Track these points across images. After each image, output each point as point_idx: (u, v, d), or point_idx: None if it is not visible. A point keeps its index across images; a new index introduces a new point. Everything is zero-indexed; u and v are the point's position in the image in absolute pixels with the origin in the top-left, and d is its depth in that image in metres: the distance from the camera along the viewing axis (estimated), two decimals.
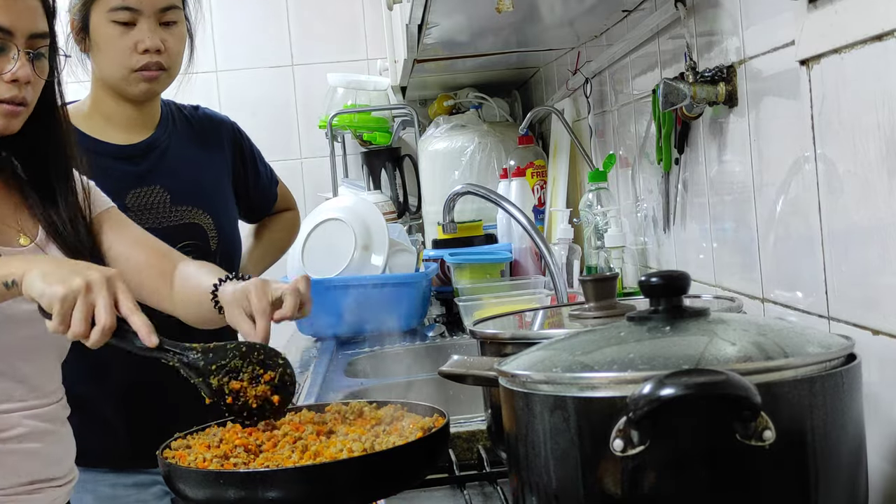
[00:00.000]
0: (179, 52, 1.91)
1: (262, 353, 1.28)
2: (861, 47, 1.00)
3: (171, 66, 1.89)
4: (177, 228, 1.91)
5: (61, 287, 1.17)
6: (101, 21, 1.83)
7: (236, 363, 1.25)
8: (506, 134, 3.22)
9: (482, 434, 1.42)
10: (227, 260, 2.00)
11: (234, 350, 1.26)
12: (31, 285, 1.19)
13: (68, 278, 1.18)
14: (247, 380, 1.25)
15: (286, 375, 1.27)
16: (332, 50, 3.80)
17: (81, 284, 1.17)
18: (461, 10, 1.98)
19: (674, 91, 1.45)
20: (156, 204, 1.90)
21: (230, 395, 1.24)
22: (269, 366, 1.27)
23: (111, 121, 1.93)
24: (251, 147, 2.17)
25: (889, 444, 1.02)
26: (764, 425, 0.75)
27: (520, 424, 0.88)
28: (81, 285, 1.17)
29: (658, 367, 0.80)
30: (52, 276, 1.18)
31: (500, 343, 1.20)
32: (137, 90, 1.88)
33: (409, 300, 2.54)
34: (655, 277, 0.92)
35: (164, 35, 1.86)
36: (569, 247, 2.39)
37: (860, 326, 1.06)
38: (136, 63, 1.84)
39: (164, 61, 1.86)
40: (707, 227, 1.61)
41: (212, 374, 1.24)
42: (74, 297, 1.17)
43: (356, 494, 1.10)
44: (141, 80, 1.86)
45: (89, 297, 1.18)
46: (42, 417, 1.43)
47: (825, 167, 1.12)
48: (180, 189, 1.94)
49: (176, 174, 1.96)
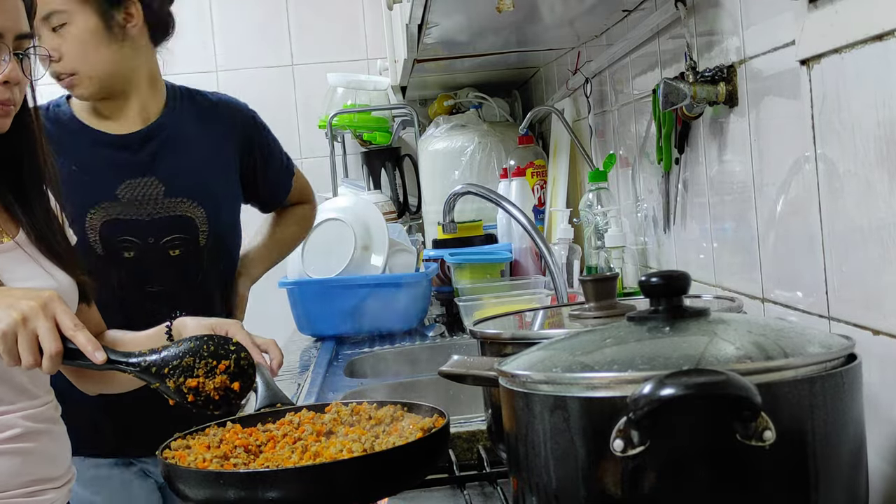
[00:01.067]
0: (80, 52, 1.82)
1: (213, 343, 1.28)
2: (861, 47, 1.00)
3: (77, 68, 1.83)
4: (165, 220, 1.90)
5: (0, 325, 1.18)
6: None
7: (188, 361, 1.26)
8: (506, 134, 3.22)
9: (482, 434, 1.42)
10: (216, 257, 1.98)
11: (184, 349, 1.26)
12: None
13: (3, 316, 1.19)
14: (202, 374, 1.26)
15: (242, 360, 1.28)
16: (332, 50, 3.80)
17: (17, 318, 1.18)
18: (461, 10, 1.98)
19: (674, 91, 1.45)
20: (148, 196, 1.89)
21: (190, 394, 1.25)
22: (222, 355, 1.28)
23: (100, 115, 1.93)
24: (266, 136, 2.12)
25: (889, 445, 1.02)
26: (764, 425, 0.75)
27: (520, 424, 0.88)
28: (17, 319, 1.18)
29: (658, 367, 0.80)
30: None
31: (500, 343, 1.20)
32: None
33: (409, 300, 2.54)
34: (655, 277, 0.92)
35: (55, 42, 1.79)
36: (569, 247, 2.39)
37: (860, 326, 1.06)
38: None
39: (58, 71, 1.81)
40: (707, 227, 1.61)
41: (167, 376, 1.25)
42: (14, 331, 1.19)
43: (356, 495, 1.10)
44: None
45: (29, 328, 1.19)
46: (35, 418, 1.44)
47: (825, 167, 1.12)
48: (177, 181, 1.92)
49: (175, 165, 1.93)
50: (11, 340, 1.19)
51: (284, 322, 2.75)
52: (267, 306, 2.34)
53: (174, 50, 2.03)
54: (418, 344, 2.44)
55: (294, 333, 2.74)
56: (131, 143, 1.91)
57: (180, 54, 2.13)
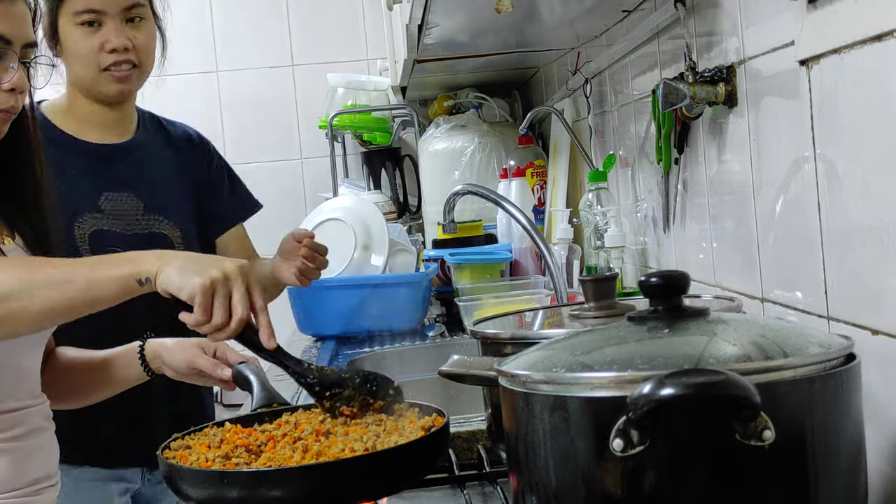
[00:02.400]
0: (149, 48, 1.92)
1: (376, 383, 1.28)
2: (861, 47, 1.00)
3: (142, 62, 1.90)
4: (143, 237, 1.91)
5: (199, 278, 1.18)
6: (69, 25, 1.85)
7: (349, 393, 1.27)
8: (506, 134, 3.22)
9: (482, 434, 1.42)
10: None
11: (349, 381, 1.27)
12: (168, 281, 1.20)
13: (205, 270, 1.19)
14: (357, 407, 1.27)
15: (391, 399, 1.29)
16: (332, 50, 3.80)
17: (219, 276, 1.19)
18: (461, 10, 1.99)
19: (673, 91, 1.45)
20: (128, 210, 1.90)
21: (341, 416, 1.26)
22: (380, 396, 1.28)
23: (87, 122, 1.93)
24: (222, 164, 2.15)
25: (889, 445, 1.02)
26: (763, 425, 0.75)
27: (520, 424, 0.88)
28: (219, 276, 1.19)
29: (658, 367, 0.80)
30: (188, 270, 1.20)
31: (500, 343, 1.20)
32: (110, 90, 1.89)
33: (409, 300, 2.54)
34: (655, 277, 0.92)
35: (131, 33, 1.86)
36: (569, 247, 2.40)
37: (860, 326, 1.06)
38: (104, 62, 1.85)
39: (134, 58, 1.87)
40: (707, 227, 1.61)
41: (325, 398, 1.26)
42: (213, 287, 1.19)
43: (358, 493, 1.10)
44: (112, 81, 1.87)
45: (227, 287, 1.20)
46: (40, 415, 1.45)
47: (825, 167, 1.12)
48: (154, 199, 1.94)
49: (150, 183, 1.96)
50: (209, 296, 1.19)
51: (284, 322, 2.75)
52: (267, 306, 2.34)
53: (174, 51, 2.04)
54: (418, 344, 2.44)
55: (294, 333, 2.74)
56: (110, 155, 1.93)
57: (180, 55, 2.13)
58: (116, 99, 1.92)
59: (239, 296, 1.20)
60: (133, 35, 1.87)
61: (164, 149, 2.02)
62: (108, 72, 1.86)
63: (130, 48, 1.86)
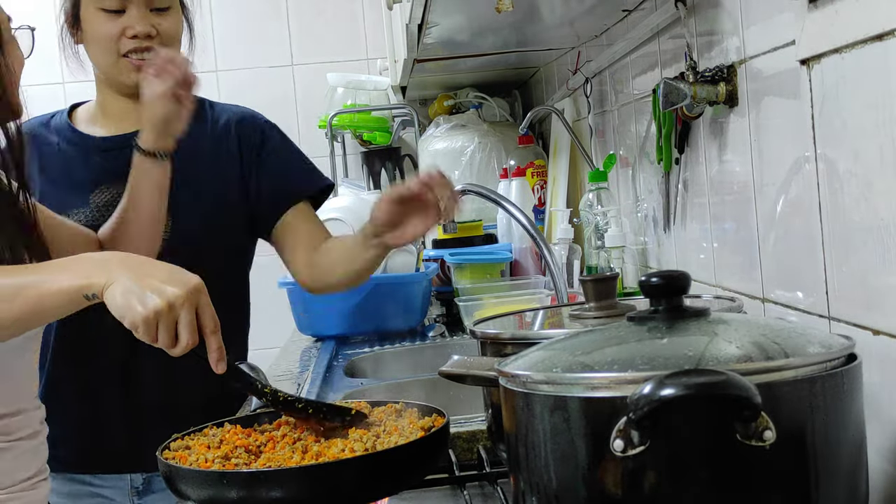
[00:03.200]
0: (174, 36, 1.83)
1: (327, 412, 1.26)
2: (861, 47, 1.00)
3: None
4: None
5: (141, 308, 1.16)
6: (90, 10, 1.79)
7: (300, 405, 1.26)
8: (506, 134, 3.22)
9: (482, 434, 1.42)
10: None
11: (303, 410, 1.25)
12: (111, 303, 1.18)
13: (148, 299, 1.16)
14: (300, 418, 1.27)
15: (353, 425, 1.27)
16: (332, 50, 3.80)
17: (162, 307, 1.16)
18: (461, 10, 1.98)
19: (674, 91, 1.45)
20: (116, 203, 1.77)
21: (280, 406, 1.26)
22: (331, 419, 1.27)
23: (104, 111, 1.89)
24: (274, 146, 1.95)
25: (889, 445, 1.02)
26: (764, 425, 0.75)
27: (520, 424, 0.88)
28: (162, 307, 1.16)
29: (658, 367, 0.80)
30: (131, 294, 1.17)
31: (500, 343, 1.20)
32: (129, 80, 1.79)
33: (409, 300, 2.54)
34: (655, 277, 0.92)
35: (156, 20, 1.79)
36: (569, 247, 2.39)
37: (860, 326, 1.06)
38: (124, 48, 1.77)
39: (157, 45, 1.78)
40: (707, 226, 1.61)
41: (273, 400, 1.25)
42: (156, 319, 1.17)
43: (358, 494, 1.10)
44: (131, 69, 1.78)
45: (172, 316, 1.17)
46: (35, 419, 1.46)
47: (825, 167, 1.12)
48: None
49: None
50: (153, 325, 1.17)
51: (284, 322, 2.75)
52: (267, 306, 2.34)
53: None
54: (418, 344, 2.44)
55: (294, 333, 2.74)
56: (109, 147, 1.84)
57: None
58: (135, 90, 1.76)
59: (184, 324, 1.17)
60: (157, 22, 1.79)
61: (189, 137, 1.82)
62: (127, 58, 1.78)
63: (154, 35, 1.78)
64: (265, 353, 1.70)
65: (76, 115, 1.93)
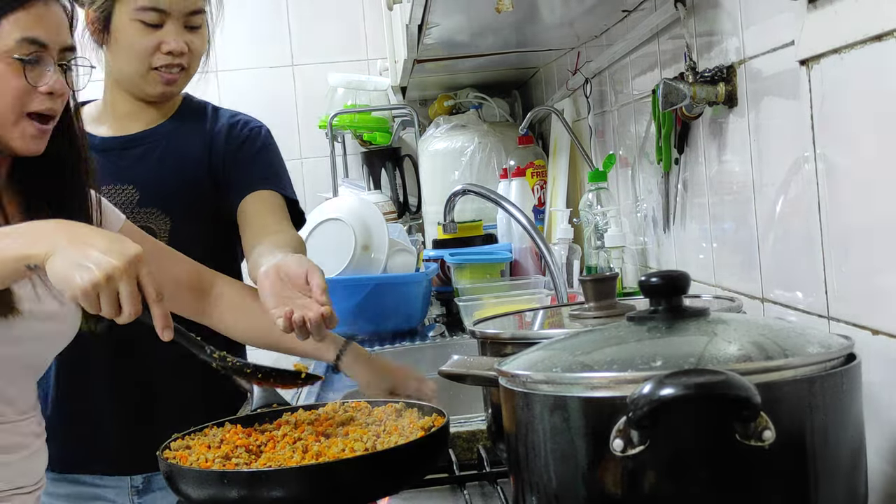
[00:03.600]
0: (201, 54, 1.89)
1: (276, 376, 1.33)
2: (861, 47, 1.00)
3: (191, 66, 1.87)
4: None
5: (80, 281, 1.16)
6: (125, 19, 1.80)
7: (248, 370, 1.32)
8: (506, 134, 3.22)
9: (482, 434, 1.42)
10: None
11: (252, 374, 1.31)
12: (53, 273, 1.18)
13: (88, 271, 1.16)
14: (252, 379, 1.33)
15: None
16: (332, 50, 3.80)
17: (100, 278, 1.16)
18: (461, 10, 1.99)
19: (674, 91, 1.45)
20: (122, 204, 1.82)
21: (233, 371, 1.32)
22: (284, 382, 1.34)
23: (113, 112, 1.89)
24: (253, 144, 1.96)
25: (889, 445, 1.02)
26: (764, 425, 0.75)
27: (520, 424, 0.88)
28: (100, 279, 1.16)
29: (658, 368, 0.80)
30: (71, 264, 1.17)
31: (500, 343, 1.20)
32: (155, 91, 1.85)
33: (409, 300, 2.54)
34: (655, 277, 0.92)
35: (189, 37, 1.83)
36: (569, 247, 2.39)
37: (860, 326, 1.06)
38: (157, 62, 1.81)
39: (186, 62, 1.84)
40: (707, 227, 1.61)
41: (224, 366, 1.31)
42: (95, 291, 1.16)
43: (358, 493, 1.11)
44: (160, 82, 1.83)
45: (111, 287, 1.17)
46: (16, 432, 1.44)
47: (825, 167, 1.12)
48: (150, 190, 1.86)
49: (150, 173, 1.87)
50: (94, 297, 1.17)
51: None
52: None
53: None
54: (418, 344, 2.44)
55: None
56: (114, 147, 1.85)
57: None
58: (158, 99, 1.88)
59: (125, 294, 1.17)
60: (190, 39, 1.83)
61: (187, 140, 1.92)
62: (158, 71, 1.82)
63: (186, 52, 1.82)
64: (265, 352, 1.70)
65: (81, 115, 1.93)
